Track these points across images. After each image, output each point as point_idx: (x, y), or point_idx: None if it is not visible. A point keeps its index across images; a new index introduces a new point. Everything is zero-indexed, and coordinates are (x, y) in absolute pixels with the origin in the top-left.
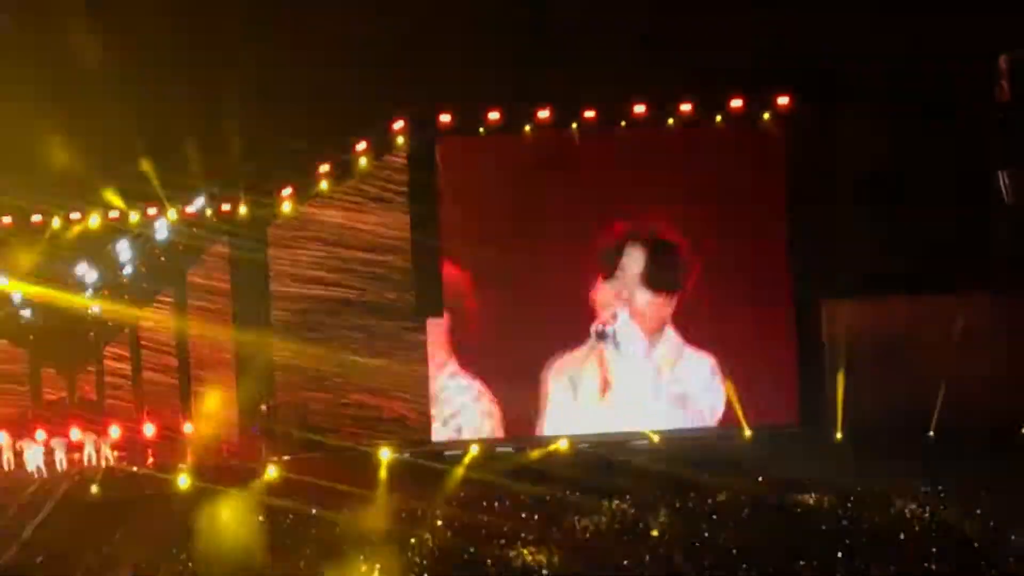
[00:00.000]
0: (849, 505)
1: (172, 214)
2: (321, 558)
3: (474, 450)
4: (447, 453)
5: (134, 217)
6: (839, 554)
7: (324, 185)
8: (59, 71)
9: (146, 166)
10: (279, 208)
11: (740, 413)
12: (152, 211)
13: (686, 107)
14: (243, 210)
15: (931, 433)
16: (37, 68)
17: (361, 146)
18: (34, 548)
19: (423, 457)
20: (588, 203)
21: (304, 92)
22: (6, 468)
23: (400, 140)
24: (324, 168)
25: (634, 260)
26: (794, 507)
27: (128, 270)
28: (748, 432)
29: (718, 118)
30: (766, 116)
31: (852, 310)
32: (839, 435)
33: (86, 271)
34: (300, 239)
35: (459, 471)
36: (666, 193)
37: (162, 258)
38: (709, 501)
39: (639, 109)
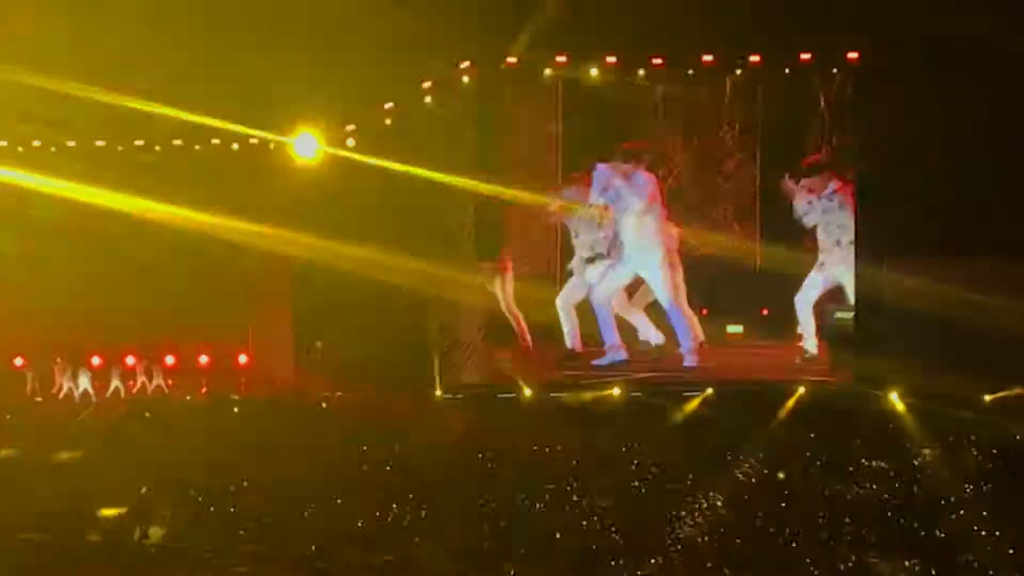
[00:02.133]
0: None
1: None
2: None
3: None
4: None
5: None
6: None
7: (387, 122)
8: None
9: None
10: (340, 143)
11: None
12: (215, 141)
13: (754, 58)
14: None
15: (990, 399)
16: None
17: (426, 84)
18: (85, 474)
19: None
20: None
21: (369, 29)
22: (60, 395)
23: (466, 80)
24: (388, 105)
25: None
26: None
27: (190, 199)
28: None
29: (786, 71)
30: (834, 71)
31: (915, 269)
32: (893, 396)
33: (151, 200)
34: (359, 175)
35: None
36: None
37: (225, 190)
38: None
39: (707, 58)
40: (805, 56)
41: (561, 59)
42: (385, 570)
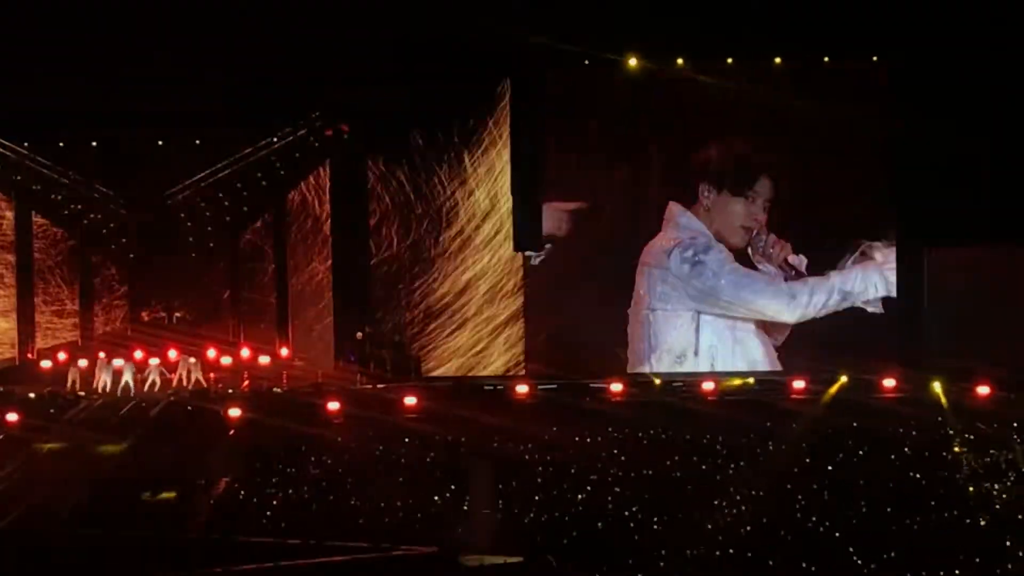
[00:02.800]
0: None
1: (274, 139)
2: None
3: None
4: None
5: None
6: None
7: (426, 115)
8: None
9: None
10: (381, 133)
11: None
12: (257, 133)
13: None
14: (345, 135)
15: None
16: None
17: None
18: (130, 465)
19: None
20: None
21: (415, 23)
22: (101, 389)
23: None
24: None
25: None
26: None
27: (230, 191)
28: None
29: (825, 59)
30: (874, 59)
31: (956, 258)
32: (937, 384)
33: (187, 191)
34: (402, 165)
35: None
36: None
37: (263, 182)
38: None
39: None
40: (838, 53)
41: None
42: None
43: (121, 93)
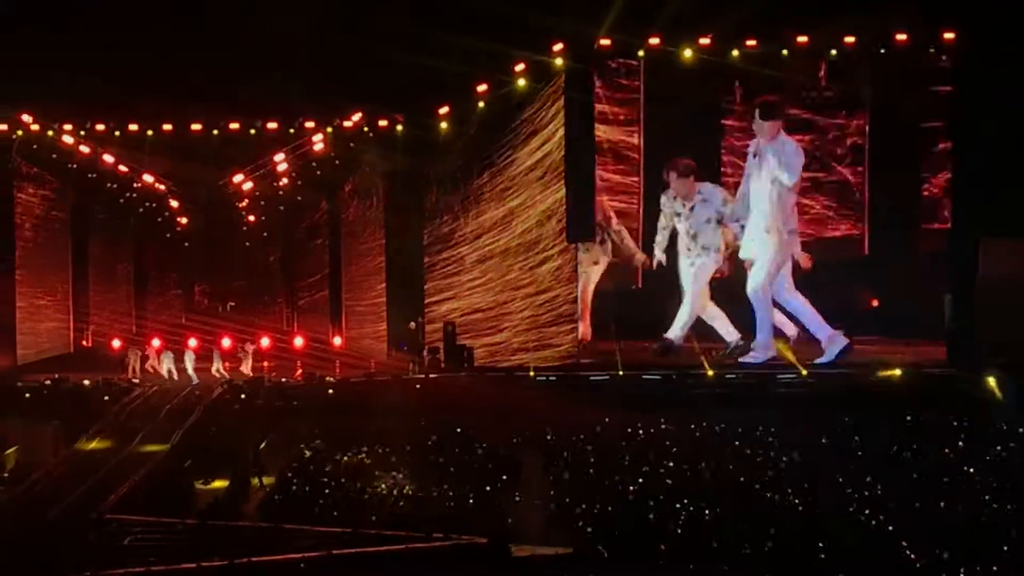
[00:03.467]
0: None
1: (328, 129)
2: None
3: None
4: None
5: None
6: None
7: (481, 105)
8: None
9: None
10: (436, 126)
11: None
12: (309, 124)
13: (850, 39)
14: (400, 127)
15: None
16: None
17: (519, 67)
18: (183, 452)
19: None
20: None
21: (464, 13)
22: (166, 376)
23: (559, 62)
24: (481, 88)
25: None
26: None
27: (284, 182)
28: (898, 371)
29: (882, 50)
30: (932, 51)
31: (1010, 250)
32: (990, 377)
33: (241, 181)
34: (453, 157)
35: None
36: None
37: (318, 171)
38: None
39: (801, 39)
40: (901, 37)
41: (654, 40)
42: None
43: (177, 83)
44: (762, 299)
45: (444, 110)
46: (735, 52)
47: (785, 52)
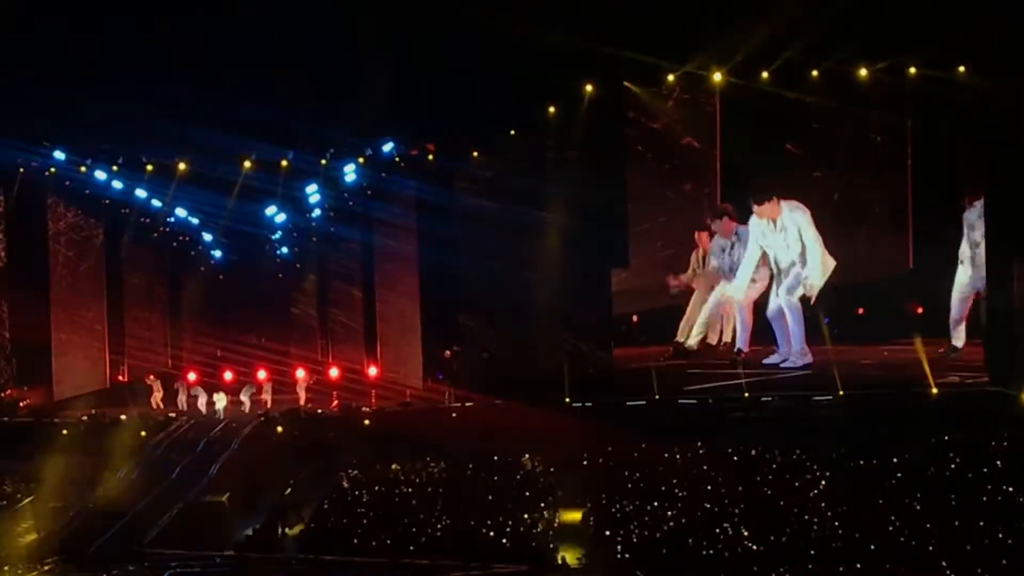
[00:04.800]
0: None
1: (360, 159)
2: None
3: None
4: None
5: (324, 160)
6: None
7: (512, 132)
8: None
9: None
10: (467, 154)
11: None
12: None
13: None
14: (431, 155)
15: None
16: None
17: (551, 109)
18: (221, 485)
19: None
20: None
21: (495, 43)
22: (198, 411)
23: (588, 88)
24: (511, 129)
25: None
26: None
27: (316, 213)
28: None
29: (911, 70)
30: (961, 69)
31: None
32: None
33: (275, 213)
34: (485, 189)
35: None
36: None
37: (350, 202)
38: None
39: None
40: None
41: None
42: None
43: (206, 116)
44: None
45: (476, 139)
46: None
47: (815, 73)
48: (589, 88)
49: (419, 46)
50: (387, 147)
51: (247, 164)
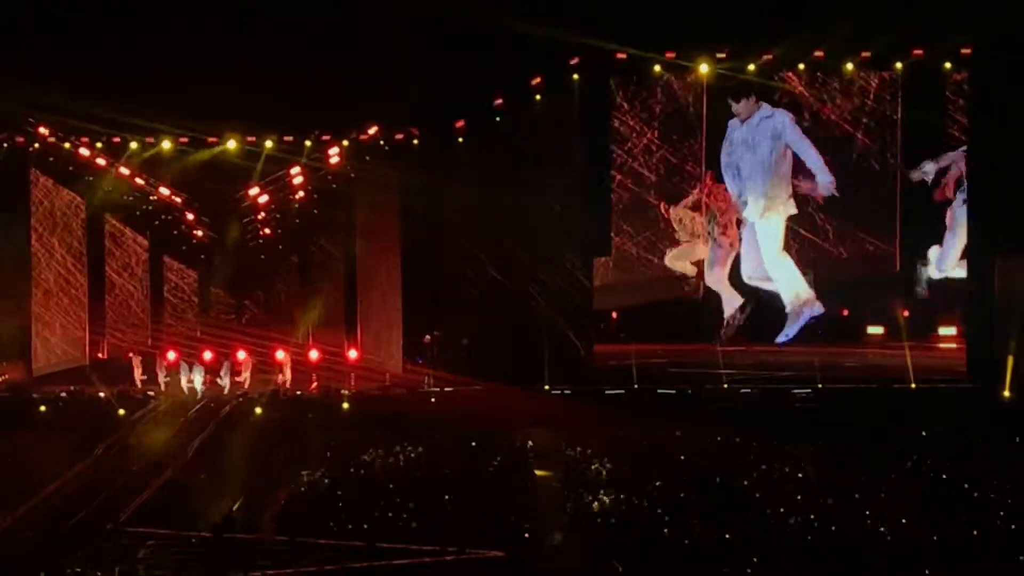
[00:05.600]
0: None
1: (344, 142)
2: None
3: None
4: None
5: (307, 143)
6: None
7: (497, 119)
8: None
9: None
10: (451, 139)
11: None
12: (326, 137)
13: (864, 53)
14: (416, 141)
15: None
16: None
17: (535, 81)
18: (198, 465)
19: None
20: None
21: (480, 26)
22: (178, 390)
23: (575, 77)
24: (497, 102)
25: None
26: None
27: (300, 195)
28: (913, 385)
29: (898, 65)
30: (947, 65)
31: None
32: (1007, 393)
33: (257, 194)
34: (469, 170)
35: None
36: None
37: (333, 185)
38: None
39: (818, 53)
40: (917, 52)
41: (669, 55)
42: None
43: (194, 97)
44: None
45: (460, 124)
46: (751, 67)
47: (802, 66)
48: (576, 77)
49: (402, 30)
50: (372, 130)
51: (232, 145)
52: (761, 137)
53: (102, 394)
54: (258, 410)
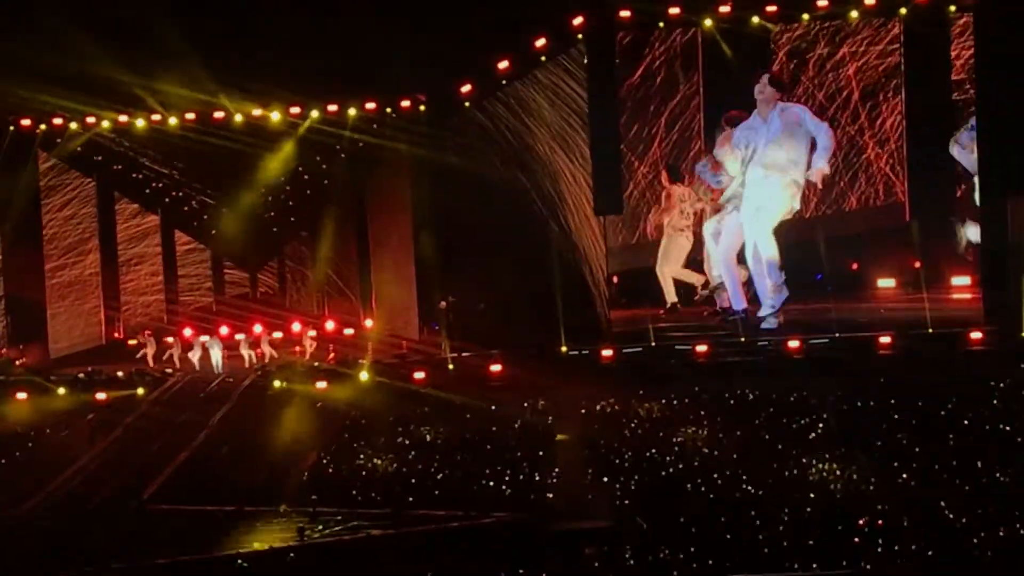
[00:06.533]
0: None
1: (351, 111)
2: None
3: None
4: None
5: (315, 114)
6: None
7: (503, 82)
8: None
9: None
10: (459, 104)
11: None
12: (332, 108)
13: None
14: (422, 107)
15: None
16: None
17: (540, 42)
18: (219, 439)
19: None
20: None
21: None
22: (195, 366)
23: (580, 36)
24: (502, 64)
25: None
26: None
27: (310, 165)
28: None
29: (902, 10)
30: (952, 8)
31: None
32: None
33: (269, 167)
34: (479, 136)
35: None
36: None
37: (343, 155)
38: None
39: (822, 3)
40: None
41: (674, 10)
42: None
43: (201, 69)
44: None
45: (466, 88)
46: (755, 19)
47: (806, 16)
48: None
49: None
50: (378, 98)
51: (239, 118)
52: (782, 127)
53: (120, 373)
54: (277, 383)
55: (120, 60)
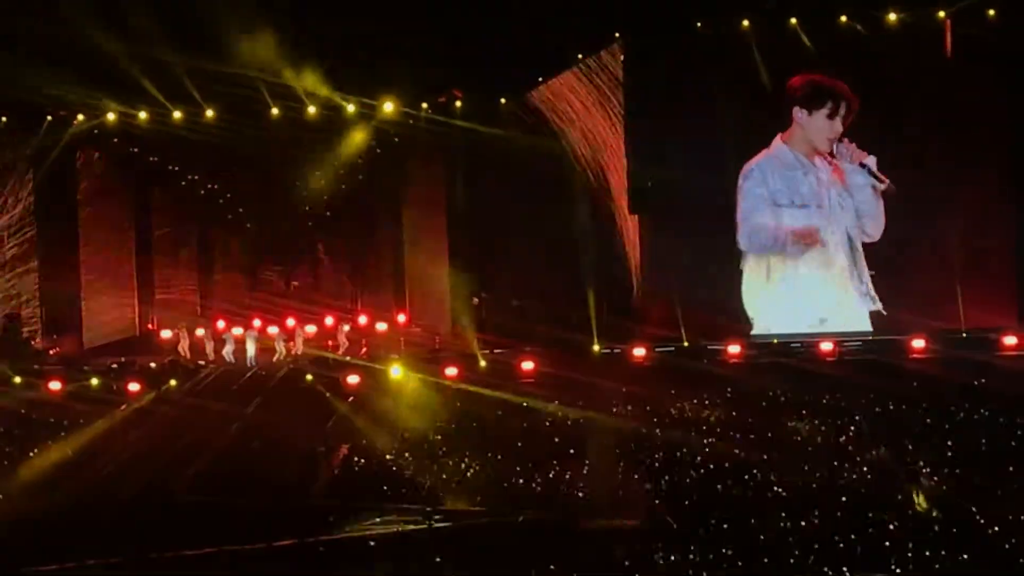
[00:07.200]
0: None
1: (387, 106)
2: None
3: None
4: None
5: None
6: None
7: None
8: None
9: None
10: (495, 102)
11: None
12: (368, 103)
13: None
14: (458, 103)
15: None
16: None
17: (579, 44)
18: (251, 433)
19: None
20: None
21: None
22: (228, 359)
23: (616, 47)
24: (541, 63)
25: None
26: None
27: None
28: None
29: (941, 14)
30: (991, 13)
31: None
32: None
33: (304, 162)
34: (514, 130)
35: None
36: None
37: (378, 150)
38: None
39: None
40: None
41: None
42: None
43: (234, 64)
44: None
45: (503, 85)
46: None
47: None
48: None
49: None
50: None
51: (275, 112)
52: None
53: (153, 364)
54: (309, 377)
55: (158, 54)
